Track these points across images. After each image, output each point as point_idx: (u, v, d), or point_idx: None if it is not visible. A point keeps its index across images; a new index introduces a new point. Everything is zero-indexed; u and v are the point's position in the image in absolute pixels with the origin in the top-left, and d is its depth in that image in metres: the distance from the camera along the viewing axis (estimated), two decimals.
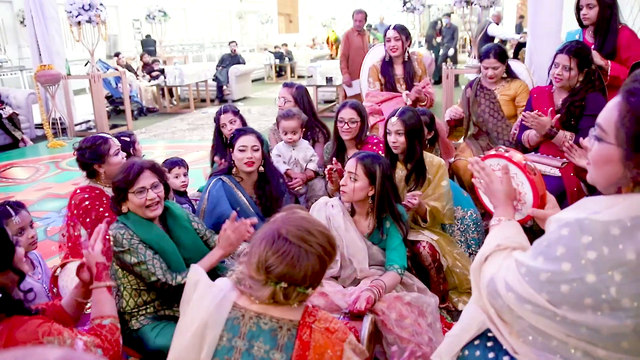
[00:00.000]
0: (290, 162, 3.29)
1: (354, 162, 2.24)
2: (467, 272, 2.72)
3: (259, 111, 8.98)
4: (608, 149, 1.10)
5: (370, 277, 2.24)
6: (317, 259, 1.29)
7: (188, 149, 6.28)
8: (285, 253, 1.27)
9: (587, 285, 1.04)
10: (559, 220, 1.15)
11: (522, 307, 1.17)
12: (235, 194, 2.73)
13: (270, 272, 1.28)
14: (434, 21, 11.44)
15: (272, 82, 13.89)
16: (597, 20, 3.25)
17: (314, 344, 1.30)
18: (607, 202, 1.11)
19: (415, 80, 3.98)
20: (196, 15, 16.24)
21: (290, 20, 21.95)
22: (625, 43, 3.18)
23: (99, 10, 6.83)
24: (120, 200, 2.03)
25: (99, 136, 2.52)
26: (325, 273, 1.37)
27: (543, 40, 4.49)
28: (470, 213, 3.03)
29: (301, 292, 1.30)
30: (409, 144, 2.66)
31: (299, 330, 1.31)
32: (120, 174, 2.02)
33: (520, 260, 1.21)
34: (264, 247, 1.29)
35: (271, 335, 1.31)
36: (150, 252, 2.02)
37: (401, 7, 8.63)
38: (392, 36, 3.84)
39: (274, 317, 1.32)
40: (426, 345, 2.08)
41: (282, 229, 1.30)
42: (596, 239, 1.04)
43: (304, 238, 1.29)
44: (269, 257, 1.28)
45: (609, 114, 1.10)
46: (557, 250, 1.10)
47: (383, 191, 2.25)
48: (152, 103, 9.56)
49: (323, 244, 1.32)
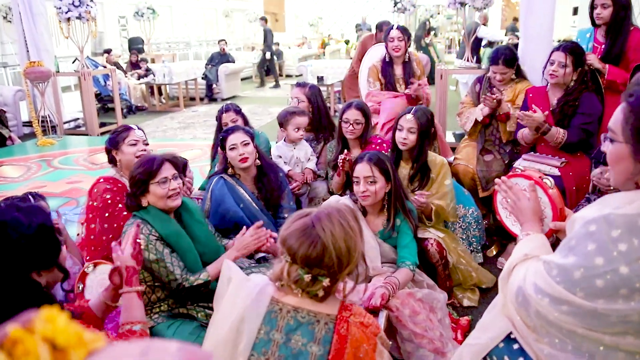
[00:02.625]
0: (292, 162, 3.30)
1: (367, 166, 2.26)
2: (471, 269, 2.78)
3: (250, 110, 8.97)
4: (619, 147, 1.19)
5: (382, 274, 2.27)
6: (320, 244, 1.29)
7: (181, 147, 6.25)
8: (301, 222, 1.33)
9: (621, 276, 1.09)
10: (583, 218, 1.20)
11: (556, 309, 1.19)
12: (237, 191, 2.75)
13: (282, 237, 1.34)
14: (423, 22, 11.52)
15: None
16: (610, 21, 3.27)
17: (351, 338, 1.32)
18: (628, 197, 1.18)
19: (415, 80, 4.01)
20: (182, 13, 16.13)
21: (277, 19, 21.91)
22: (634, 45, 3.21)
23: (89, 6, 6.74)
24: (140, 194, 2.04)
25: (125, 125, 2.62)
26: (335, 276, 1.34)
27: (535, 42, 4.55)
28: (472, 211, 3.09)
29: (301, 274, 1.31)
30: (420, 143, 2.71)
31: (336, 324, 1.33)
32: (139, 167, 2.03)
33: (550, 261, 1.23)
34: (295, 216, 1.37)
35: (309, 328, 1.33)
36: (167, 250, 2.03)
37: (391, 8, 8.68)
38: (396, 36, 3.85)
39: (311, 311, 1.35)
40: (438, 340, 2.12)
41: (315, 209, 1.37)
42: (625, 232, 1.10)
43: (322, 219, 1.33)
44: (292, 222, 1.35)
45: (615, 117, 1.21)
46: (587, 246, 1.14)
47: (397, 184, 2.30)
48: (141, 101, 9.49)
49: (338, 235, 1.31)
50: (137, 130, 2.56)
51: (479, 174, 3.35)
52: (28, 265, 1.30)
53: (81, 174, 4.99)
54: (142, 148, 2.54)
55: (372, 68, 4.13)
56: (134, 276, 1.63)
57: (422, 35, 11.01)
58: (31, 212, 1.32)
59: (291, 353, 1.33)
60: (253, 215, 2.68)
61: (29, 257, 1.29)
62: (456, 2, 5.24)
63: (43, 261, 1.33)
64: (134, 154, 2.49)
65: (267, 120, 8.21)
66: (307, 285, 1.32)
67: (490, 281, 2.87)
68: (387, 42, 3.93)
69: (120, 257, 1.64)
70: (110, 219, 2.40)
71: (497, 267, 3.09)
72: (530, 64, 4.34)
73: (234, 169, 2.73)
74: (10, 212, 1.30)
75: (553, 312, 1.20)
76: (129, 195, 2.06)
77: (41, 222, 1.31)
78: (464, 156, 3.50)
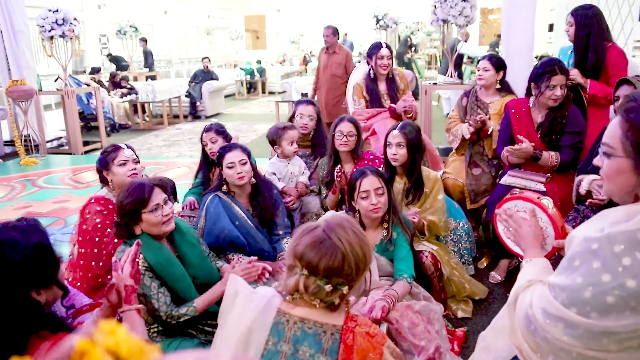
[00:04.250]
0: (287, 178, 3.32)
1: (375, 178, 2.31)
2: (464, 281, 2.82)
3: (234, 127, 8.98)
4: (618, 162, 1.22)
5: (380, 287, 2.30)
6: (339, 253, 1.32)
7: (168, 165, 6.23)
8: (313, 235, 1.35)
9: (629, 290, 1.11)
10: (584, 237, 1.21)
11: (566, 334, 1.19)
12: (232, 209, 2.76)
13: (296, 254, 1.35)
14: (405, 38, 11.72)
15: (244, 99, 13.91)
16: (574, 38, 3.42)
17: (357, 348, 1.34)
18: (626, 211, 1.21)
19: (399, 95, 4.08)
20: (163, 31, 16.15)
21: (258, 36, 22.06)
22: (612, 61, 3.32)
23: (73, 24, 6.73)
24: (133, 224, 2.00)
25: (115, 144, 2.60)
26: (353, 283, 1.38)
27: (516, 58, 4.68)
28: (462, 224, 3.14)
29: (320, 285, 1.33)
30: (411, 157, 2.75)
31: (342, 334, 1.35)
32: (129, 197, 1.97)
33: (555, 284, 1.24)
34: (302, 231, 1.38)
35: (316, 339, 1.35)
36: (155, 283, 2.00)
37: (374, 25, 8.86)
38: (386, 55, 3.93)
39: (318, 322, 1.36)
40: (436, 352, 2.14)
41: (325, 220, 1.39)
42: (627, 247, 1.13)
43: (334, 229, 1.36)
44: (301, 237, 1.36)
45: (612, 132, 1.24)
46: (592, 264, 1.16)
47: (392, 197, 2.35)
48: (124, 119, 9.44)
49: (353, 243, 1.35)
50: (126, 150, 2.54)
51: (468, 188, 3.42)
52: (27, 284, 1.28)
53: (67, 193, 4.94)
54: (133, 167, 2.52)
55: (356, 86, 4.17)
56: (132, 294, 1.62)
57: (404, 52, 11.20)
58: (28, 230, 1.31)
59: None
60: (248, 232, 2.69)
61: (27, 276, 1.27)
62: (439, 19, 5.35)
63: (42, 279, 1.32)
64: (124, 174, 2.47)
65: (252, 137, 8.23)
66: (326, 295, 1.34)
67: (482, 292, 2.92)
68: (376, 60, 3.98)
69: (119, 275, 1.62)
70: (99, 244, 2.38)
71: (490, 281, 3.13)
72: (512, 79, 4.46)
73: (229, 186, 2.74)
74: (7, 231, 1.29)
75: (562, 337, 1.19)
76: (119, 224, 2.01)
77: (38, 240, 1.30)
78: (453, 170, 3.56)
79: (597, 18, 3.37)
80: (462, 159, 3.59)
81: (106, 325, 0.53)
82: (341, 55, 6.42)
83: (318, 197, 3.36)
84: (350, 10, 19.64)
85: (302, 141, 3.45)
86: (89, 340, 0.51)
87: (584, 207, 2.60)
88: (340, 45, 6.54)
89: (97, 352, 0.50)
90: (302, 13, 20.62)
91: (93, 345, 0.50)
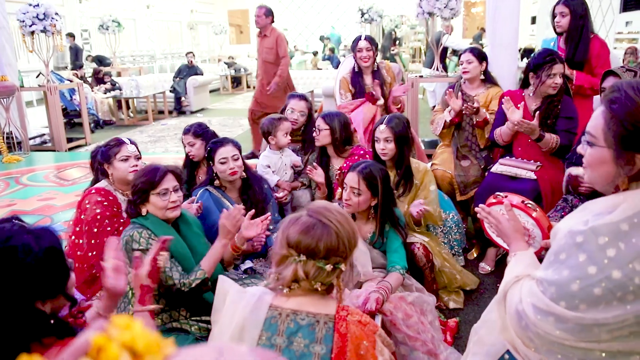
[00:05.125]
0: (281, 170, 3.32)
1: (356, 177, 2.29)
2: (456, 272, 2.85)
3: (220, 122, 8.93)
4: (600, 151, 1.24)
5: (373, 279, 2.31)
6: (333, 233, 1.37)
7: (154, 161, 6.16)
8: (302, 222, 1.38)
9: (615, 281, 1.13)
10: (569, 230, 1.23)
11: (557, 328, 1.20)
12: (223, 204, 2.75)
13: (289, 243, 1.37)
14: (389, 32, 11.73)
15: (229, 93, 13.83)
16: (568, 29, 3.45)
17: (350, 336, 1.36)
18: (609, 202, 1.22)
19: (386, 88, 4.08)
20: (146, 26, 15.97)
21: (241, 31, 21.91)
22: (596, 53, 3.38)
23: (54, 19, 6.62)
24: (140, 203, 2.05)
25: (118, 138, 2.59)
26: (348, 259, 1.43)
27: (501, 50, 4.73)
28: (452, 215, 3.16)
29: (320, 267, 1.36)
30: (399, 150, 2.76)
31: (335, 323, 1.37)
32: (142, 176, 2.04)
33: (543, 279, 1.25)
34: (287, 222, 1.41)
35: (309, 329, 1.36)
36: (166, 254, 2.01)
37: (358, 19, 8.85)
38: (364, 47, 3.90)
39: (310, 313, 1.38)
40: (430, 342, 2.16)
41: (305, 209, 1.43)
42: (611, 238, 1.15)
43: (321, 212, 1.40)
44: (289, 227, 1.38)
45: (595, 122, 1.25)
46: (578, 257, 1.18)
47: (385, 199, 2.33)
48: (108, 115, 9.33)
49: (341, 221, 1.40)
50: (129, 145, 2.53)
51: (457, 179, 3.44)
52: (34, 292, 1.21)
53: (53, 191, 4.88)
54: (134, 164, 2.51)
55: (342, 80, 4.17)
56: (147, 294, 1.60)
57: (389, 46, 11.21)
58: (40, 235, 1.24)
59: (295, 355, 1.35)
60: None
61: (35, 283, 1.20)
62: (424, 12, 5.36)
63: (50, 288, 1.24)
64: (126, 170, 2.48)
65: (239, 132, 8.19)
66: (327, 276, 1.38)
67: (473, 283, 2.94)
68: (356, 52, 3.97)
69: (138, 275, 1.60)
70: (97, 235, 2.36)
71: (480, 272, 3.17)
72: (498, 71, 4.50)
73: (220, 180, 2.73)
74: (20, 234, 1.22)
75: (554, 331, 1.21)
76: (130, 202, 2.07)
77: (49, 245, 1.24)
78: (442, 161, 3.58)
79: (588, 9, 3.43)
80: (450, 151, 3.62)
81: (120, 320, 0.52)
82: (272, 39, 5.80)
83: (309, 191, 3.37)
84: (334, 3, 19.57)
85: (292, 136, 3.45)
86: (104, 335, 0.50)
87: (572, 197, 2.64)
88: (273, 28, 5.91)
89: (113, 347, 0.49)
90: (286, 7, 20.50)
91: (109, 341, 0.50)
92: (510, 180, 3.05)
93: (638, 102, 1.17)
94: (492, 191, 3.04)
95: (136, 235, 2.00)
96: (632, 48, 7.12)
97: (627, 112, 1.17)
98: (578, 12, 3.39)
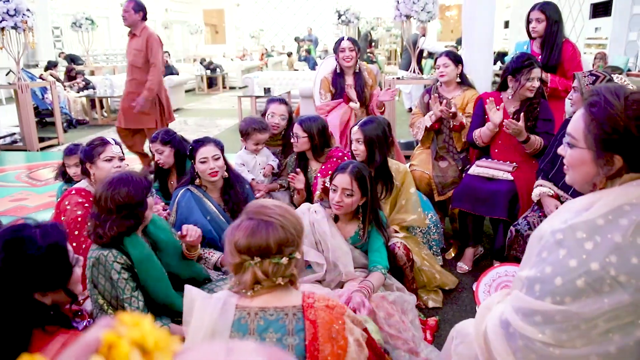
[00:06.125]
0: (255, 169, 3.32)
1: (348, 178, 2.29)
2: (435, 271, 2.89)
3: (196, 122, 8.85)
4: (580, 153, 1.30)
5: (355, 279, 2.32)
6: (278, 227, 1.38)
7: (131, 161, 6.08)
8: (246, 226, 1.38)
9: (594, 274, 1.18)
10: (551, 230, 1.27)
11: (541, 331, 1.22)
12: (204, 203, 2.74)
13: (239, 249, 1.37)
14: (365, 33, 11.80)
15: (204, 94, 13.71)
16: (544, 34, 3.54)
17: (320, 321, 1.39)
18: (586, 201, 1.29)
19: (367, 90, 4.11)
20: (120, 24, 15.70)
21: (217, 30, 21.77)
22: (568, 56, 3.49)
23: (26, 15, 6.47)
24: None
25: (102, 138, 2.55)
26: (299, 247, 1.45)
27: (477, 52, 4.82)
28: (431, 216, 3.20)
29: (275, 262, 1.37)
30: (369, 152, 2.78)
31: (304, 312, 1.40)
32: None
33: (528, 277, 1.28)
34: (231, 230, 1.41)
35: (279, 323, 1.38)
36: (130, 286, 1.95)
37: (336, 20, 8.88)
38: (347, 47, 3.92)
39: (278, 307, 1.40)
40: (411, 341, 2.19)
41: (243, 213, 1.44)
42: (589, 233, 1.21)
43: (259, 211, 1.41)
44: (233, 234, 1.39)
45: (576, 124, 1.31)
46: (559, 253, 1.23)
47: (374, 198, 2.35)
48: (81, 115, 9.14)
49: (282, 213, 1.41)
50: (114, 146, 2.49)
51: (435, 180, 3.49)
52: (33, 283, 1.28)
53: (25, 191, 4.76)
54: (118, 164, 2.47)
55: (323, 80, 4.17)
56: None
57: (365, 47, 11.27)
58: (48, 231, 1.31)
59: None
60: (220, 227, 2.67)
61: (35, 275, 1.28)
62: (402, 15, 5.41)
63: (50, 281, 1.31)
64: (109, 171, 2.41)
65: (215, 132, 8.12)
66: (285, 269, 1.39)
67: (452, 283, 2.99)
68: (338, 53, 3.99)
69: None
70: (78, 237, 2.31)
71: (458, 271, 3.22)
72: (474, 74, 4.59)
73: (201, 180, 2.72)
74: (28, 228, 1.31)
75: (537, 335, 1.23)
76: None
77: (54, 241, 1.31)
78: (420, 162, 3.62)
79: (561, 15, 3.53)
80: (428, 152, 3.66)
81: (128, 317, 0.52)
82: (141, 40, 4.85)
83: (287, 193, 3.37)
84: (310, 5, 19.61)
85: (273, 140, 3.44)
86: (114, 332, 0.50)
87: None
88: (145, 26, 4.95)
89: (124, 344, 0.49)
90: (262, 7, 20.47)
91: (119, 338, 0.50)
92: (487, 181, 3.11)
93: (616, 105, 1.23)
94: (470, 192, 3.13)
95: (102, 258, 1.90)
96: (602, 53, 7.35)
97: (606, 115, 1.23)
98: (553, 18, 3.49)
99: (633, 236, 1.17)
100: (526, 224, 2.71)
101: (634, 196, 1.22)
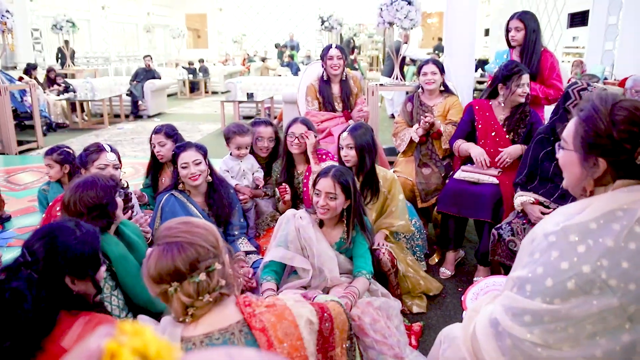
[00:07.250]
0: (239, 175, 3.30)
1: (330, 182, 2.29)
2: (419, 277, 2.91)
3: (179, 127, 8.64)
4: (569, 154, 1.36)
5: (340, 285, 2.33)
6: (185, 245, 1.29)
7: None
8: (154, 255, 1.30)
9: (585, 276, 1.20)
10: (543, 232, 1.31)
11: (530, 330, 1.25)
12: (188, 208, 2.73)
13: (154, 280, 1.29)
14: (348, 40, 11.87)
15: (186, 98, 13.64)
16: (523, 43, 3.61)
17: (269, 325, 1.36)
18: (578, 206, 1.32)
19: (352, 99, 4.13)
20: (101, 27, 15.56)
21: (199, 35, 21.67)
22: (548, 65, 3.56)
23: (5, 17, 6.39)
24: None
25: (99, 144, 2.54)
26: (219, 256, 1.34)
27: (458, 61, 4.89)
28: (414, 222, 3.23)
29: (193, 281, 1.28)
30: (360, 158, 2.80)
31: (249, 324, 1.35)
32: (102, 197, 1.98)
33: (520, 277, 1.30)
34: (144, 262, 1.33)
35: (228, 344, 1.30)
36: (109, 284, 1.94)
37: (319, 27, 8.91)
38: (335, 55, 3.93)
39: (222, 329, 1.33)
40: (397, 346, 2.21)
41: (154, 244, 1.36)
42: (581, 237, 1.24)
43: (165, 235, 1.32)
44: (146, 266, 1.31)
45: (569, 127, 1.38)
46: (551, 255, 1.25)
47: (357, 201, 2.36)
48: (61, 118, 9.01)
49: (188, 229, 1.32)
50: (109, 154, 2.47)
51: (419, 187, 3.52)
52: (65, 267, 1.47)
53: (4, 196, 4.66)
54: (111, 173, 2.45)
55: (309, 87, 4.14)
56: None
57: (348, 53, 11.33)
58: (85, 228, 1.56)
59: None
60: None
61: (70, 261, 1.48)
62: (385, 22, 5.45)
63: (80, 269, 1.51)
64: None
65: (197, 137, 8.08)
66: (208, 285, 1.30)
67: (436, 289, 3.02)
68: (326, 60, 4.00)
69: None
70: None
71: (440, 276, 3.25)
72: (455, 81, 4.65)
73: (185, 184, 2.71)
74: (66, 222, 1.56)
75: (526, 335, 1.25)
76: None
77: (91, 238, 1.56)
78: (403, 169, 3.65)
79: (539, 24, 3.60)
80: (411, 159, 3.70)
81: (128, 326, 0.52)
82: None
83: (272, 201, 3.36)
84: (293, 10, 19.64)
85: (260, 162, 3.40)
86: (115, 341, 0.50)
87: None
88: None
89: (126, 353, 0.49)
90: (244, 12, 20.43)
91: (121, 347, 0.50)
92: (472, 184, 3.16)
93: (601, 110, 1.28)
94: (455, 196, 3.17)
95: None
96: (578, 61, 7.49)
97: (591, 119, 1.29)
98: (532, 27, 3.56)
99: (625, 241, 1.20)
100: (509, 229, 2.75)
101: (625, 202, 1.26)
